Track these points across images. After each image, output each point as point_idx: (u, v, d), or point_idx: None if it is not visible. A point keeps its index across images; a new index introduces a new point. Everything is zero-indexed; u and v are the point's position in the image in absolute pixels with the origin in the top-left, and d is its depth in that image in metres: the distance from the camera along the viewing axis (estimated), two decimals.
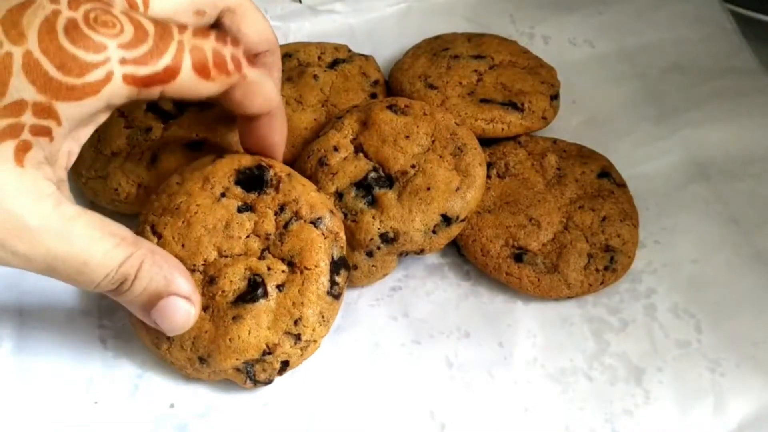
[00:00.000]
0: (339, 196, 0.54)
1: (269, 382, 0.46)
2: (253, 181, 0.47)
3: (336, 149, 0.55)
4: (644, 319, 0.53)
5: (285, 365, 0.46)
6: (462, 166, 0.54)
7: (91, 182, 0.57)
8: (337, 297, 0.46)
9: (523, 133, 0.61)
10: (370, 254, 0.53)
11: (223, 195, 0.47)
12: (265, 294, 0.44)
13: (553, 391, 0.50)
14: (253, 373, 0.46)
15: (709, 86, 0.67)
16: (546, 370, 0.51)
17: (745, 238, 0.57)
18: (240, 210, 0.47)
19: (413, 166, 0.54)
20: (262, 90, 0.44)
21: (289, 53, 0.66)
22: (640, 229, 0.57)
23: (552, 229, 0.55)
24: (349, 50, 0.67)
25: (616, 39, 0.72)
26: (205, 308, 0.45)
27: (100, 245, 0.39)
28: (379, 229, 0.52)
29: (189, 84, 0.40)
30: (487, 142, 0.60)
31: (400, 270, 0.56)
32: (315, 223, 0.46)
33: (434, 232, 0.53)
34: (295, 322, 0.44)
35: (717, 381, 0.50)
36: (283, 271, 0.45)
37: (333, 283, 0.46)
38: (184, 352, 0.47)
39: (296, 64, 0.66)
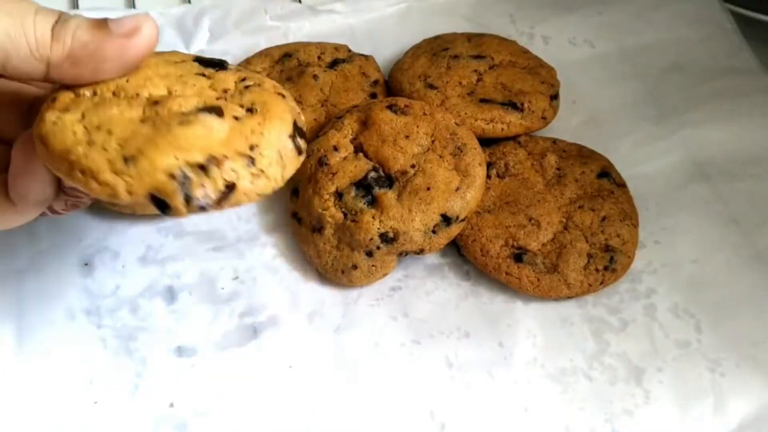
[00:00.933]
0: (339, 195, 0.54)
1: (204, 207, 0.35)
2: (212, 62, 0.41)
3: (336, 149, 0.55)
4: (644, 319, 0.53)
5: (230, 189, 0.35)
6: (462, 166, 0.54)
7: None
8: (298, 151, 0.39)
9: (522, 133, 0.61)
10: (369, 254, 0.53)
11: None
12: (221, 115, 0.36)
13: (553, 391, 0.50)
14: (189, 185, 0.34)
15: (709, 86, 0.67)
16: (546, 370, 0.51)
17: (745, 238, 0.57)
18: (196, 75, 0.40)
19: (413, 166, 0.54)
20: None
21: (288, 53, 0.66)
22: (640, 229, 0.57)
23: (552, 229, 0.55)
24: (349, 50, 0.67)
25: (616, 39, 0.72)
26: (144, 120, 0.36)
27: None
28: (378, 228, 0.52)
29: None
30: (486, 142, 0.60)
31: (400, 270, 0.56)
32: (279, 95, 0.40)
33: (434, 232, 0.53)
34: (251, 147, 0.36)
35: (717, 381, 0.50)
36: (239, 106, 0.38)
37: (295, 136, 0.38)
38: (104, 153, 0.35)
39: (296, 64, 0.66)
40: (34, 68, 0.36)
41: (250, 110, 0.38)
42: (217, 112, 0.36)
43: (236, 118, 0.37)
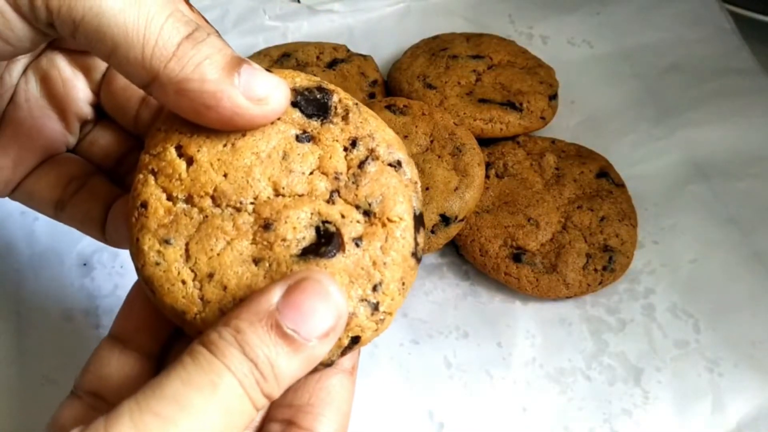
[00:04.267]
0: None
1: (330, 363, 0.34)
2: (314, 105, 0.36)
3: None
4: (643, 319, 0.53)
5: (354, 342, 0.34)
6: (461, 166, 0.54)
7: None
8: (418, 261, 0.36)
9: (521, 133, 0.61)
10: None
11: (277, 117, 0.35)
12: (341, 248, 0.33)
13: (552, 391, 0.50)
14: None
15: (708, 86, 0.67)
16: (545, 370, 0.51)
17: (744, 238, 0.57)
18: (299, 140, 0.35)
19: None
20: None
21: (287, 53, 0.66)
22: (639, 229, 0.57)
23: (551, 229, 0.55)
24: (348, 50, 0.67)
25: (615, 39, 0.72)
26: (257, 261, 0.33)
27: None
28: None
29: None
30: (485, 142, 0.60)
31: None
32: (394, 166, 0.35)
33: (433, 232, 0.53)
34: (374, 288, 0.34)
35: (715, 381, 0.50)
36: (358, 222, 0.34)
37: (416, 246, 0.35)
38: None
39: (294, 64, 0.66)
40: (137, 74, 0.31)
41: (367, 213, 0.34)
42: (338, 242, 0.33)
43: (356, 242, 0.34)
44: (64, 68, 0.39)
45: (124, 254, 0.56)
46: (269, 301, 0.29)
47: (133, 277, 0.54)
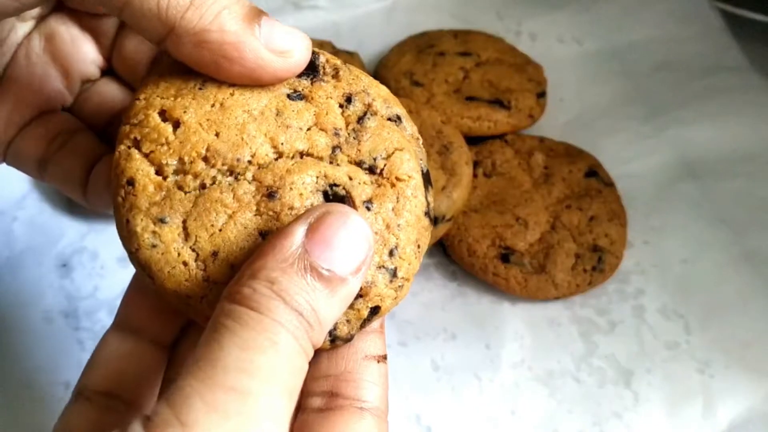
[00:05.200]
0: None
1: (349, 338, 0.32)
2: None
3: None
4: (633, 320, 0.53)
5: (374, 312, 0.32)
6: (448, 164, 0.53)
7: None
8: (431, 221, 0.34)
9: (509, 131, 0.60)
10: None
11: None
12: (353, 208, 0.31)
13: (541, 394, 0.49)
14: (334, 326, 0.31)
15: (698, 84, 0.66)
16: (533, 373, 0.50)
17: (734, 237, 0.57)
18: (291, 98, 0.32)
19: None
20: None
21: None
22: (629, 228, 0.56)
23: (539, 228, 0.55)
24: (334, 47, 0.66)
25: (604, 37, 0.72)
26: (264, 234, 0.30)
27: None
28: None
29: None
30: (473, 140, 0.59)
31: None
32: (394, 121, 0.33)
33: None
34: (390, 253, 0.31)
35: (706, 382, 0.50)
36: (365, 183, 0.32)
37: (427, 201, 0.33)
38: None
39: None
40: (151, 27, 0.29)
41: (373, 171, 0.32)
42: (350, 208, 0.30)
43: (368, 207, 0.31)
44: (73, 27, 0.37)
45: (105, 255, 0.55)
46: (293, 243, 0.26)
47: (113, 279, 0.54)
